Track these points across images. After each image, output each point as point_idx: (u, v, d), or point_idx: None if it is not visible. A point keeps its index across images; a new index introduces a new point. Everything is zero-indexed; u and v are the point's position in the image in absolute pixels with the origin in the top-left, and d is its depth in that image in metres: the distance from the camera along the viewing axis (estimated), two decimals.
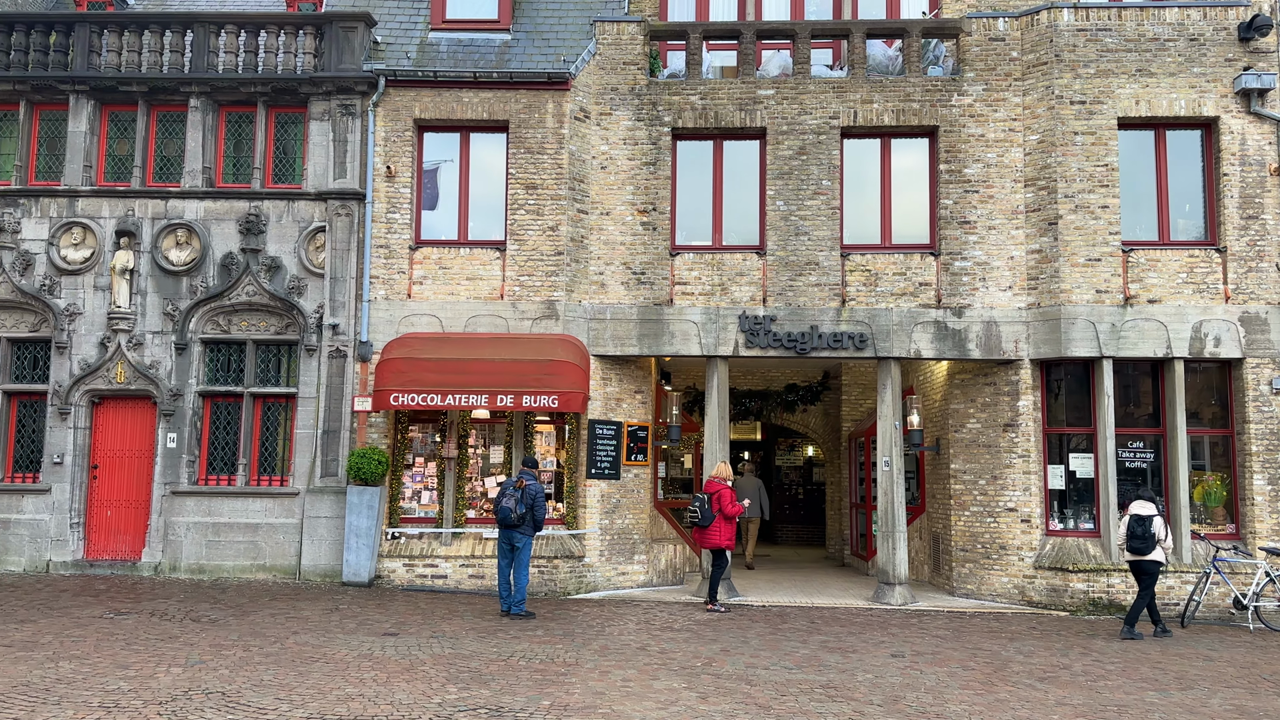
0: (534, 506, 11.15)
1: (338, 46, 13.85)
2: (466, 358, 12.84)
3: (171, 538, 13.25)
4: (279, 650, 8.95)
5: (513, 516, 11.12)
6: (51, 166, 14.20)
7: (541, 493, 11.27)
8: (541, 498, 11.23)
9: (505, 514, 11.14)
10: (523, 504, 11.15)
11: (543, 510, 11.24)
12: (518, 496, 11.17)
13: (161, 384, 13.45)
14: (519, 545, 11.25)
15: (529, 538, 11.28)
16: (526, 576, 11.33)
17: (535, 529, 11.29)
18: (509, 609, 11.25)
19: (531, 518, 11.16)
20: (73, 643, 8.94)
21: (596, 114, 14.07)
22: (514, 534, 11.23)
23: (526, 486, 11.20)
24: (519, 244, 13.67)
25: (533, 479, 11.30)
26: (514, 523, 11.15)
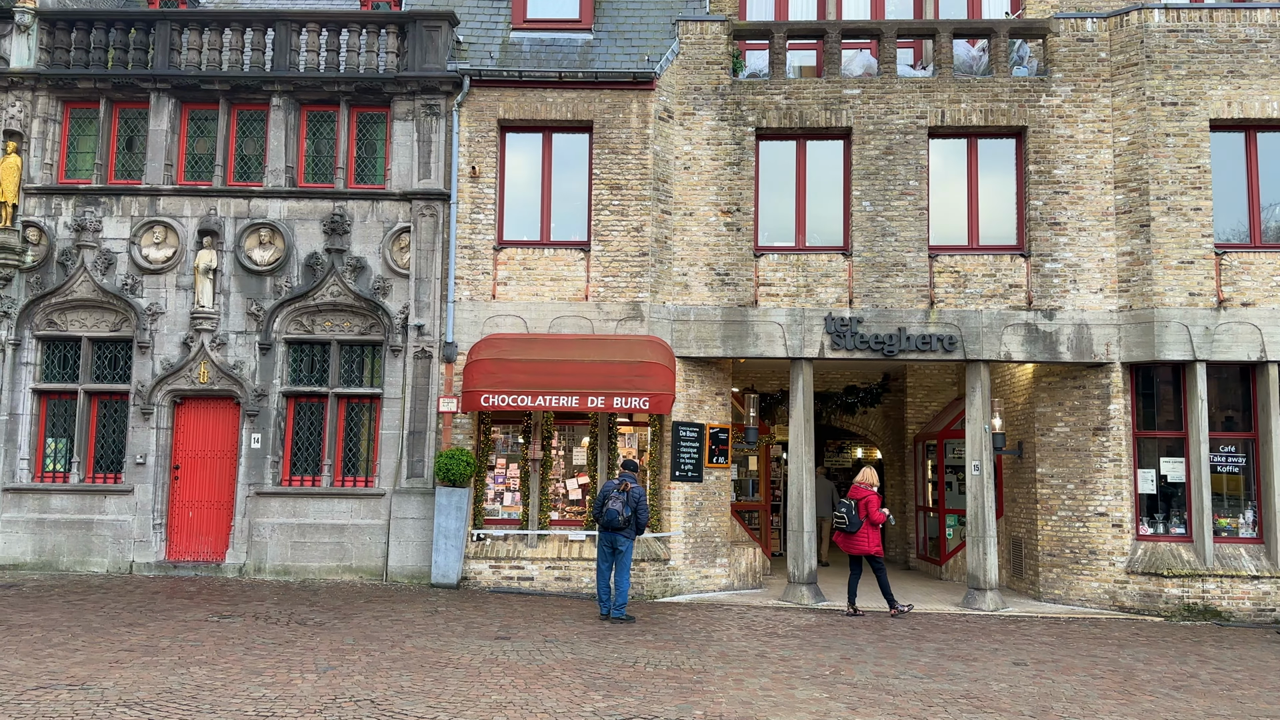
0: (638, 509, 11.07)
1: (421, 46, 13.77)
2: (556, 359, 12.75)
3: (256, 539, 13.18)
4: (401, 654, 8.86)
5: (619, 519, 11.05)
6: (129, 165, 14.14)
7: (645, 495, 11.20)
8: (645, 500, 11.16)
9: (612, 516, 11.06)
10: (628, 507, 11.07)
11: (646, 513, 11.17)
12: (624, 499, 11.10)
13: (246, 384, 13.38)
14: (621, 548, 11.17)
15: (631, 541, 11.21)
16: (628, 580, 11.24)
17: (637, 531, 11.22)
18: (609, 613, 11.16)
19: (635, 520, 11.09)
20: (192, 647, 8.87)
21: (679, 114, 13.96)
22: (617, 537, 11.15)
23: (631, 489, 11.12)
24: (603, 245, 13.57)
25: (635, 481, 11.22)
26: (620, 525, 11.09)
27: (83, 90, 13.90)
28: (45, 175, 13.86)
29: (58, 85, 13.83)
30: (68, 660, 8.16)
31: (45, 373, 13.73)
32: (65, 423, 13.69)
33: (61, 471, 13.58)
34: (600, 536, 11.34)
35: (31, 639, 8.92)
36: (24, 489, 13.32)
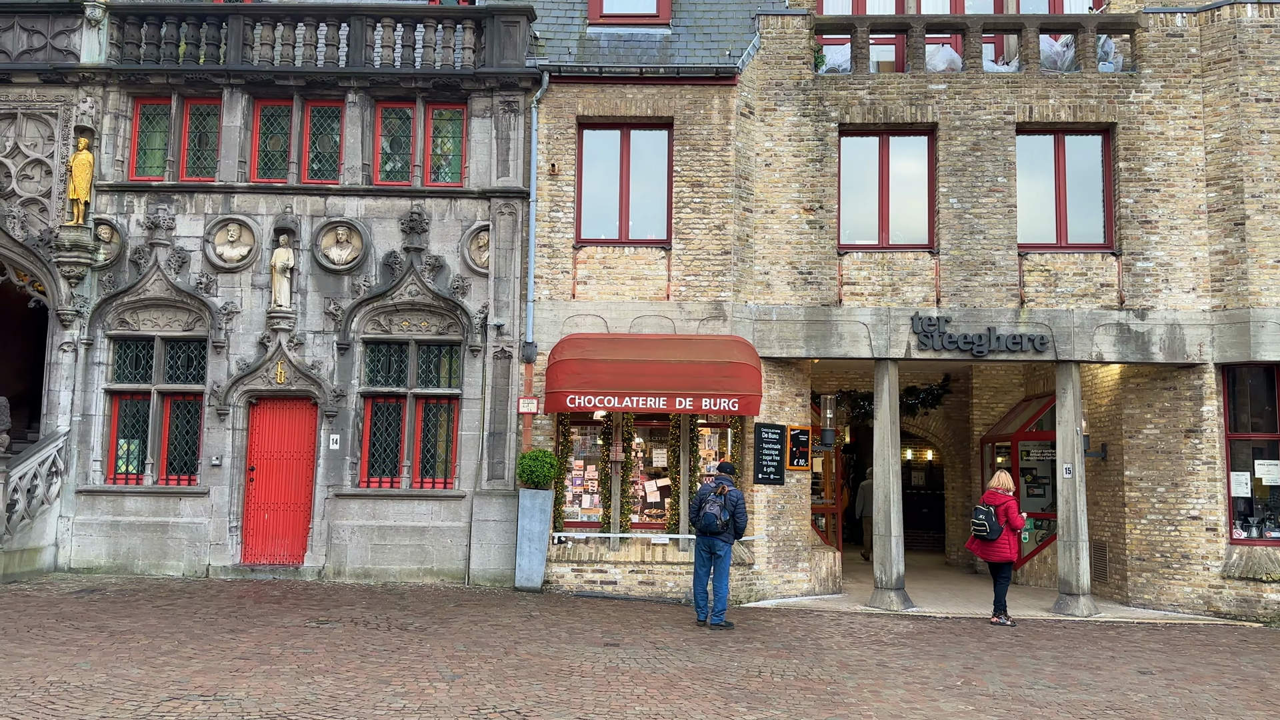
0: (736, 513, 10.86)
1: (499, 41, 13.55)
2: (642, 359, 12.51)
3: (335, 541, 12.97)
4: (519, 662, 8.63)
5: (718, 523, 10.85)
6: (200, 162, 13.94)
7: (742, 499, 10.98)
8: (743, 504, 10.94)
9: (710, 520, 10.86)
10: (726, 510, 10.86)
11: (744, 517, 10.94)
12: (720, 503, 10.89)
13: (324, 385, 13.17)
14: (720, 553, 10.96)
15: (730, 545, 10.99)
16: (727, 586, 11.00)
17: (736, 536, 10.99)
18: (706, 619, 10.93)
19: (733, 524, 10.88)
20: (305, 654, 8.65)
21: (760, 109, 13.72)
22: (715, 541, 10.96)
23: (728, 492, 10.91)
24: (684, 243, 13.33)
25: (732, 484, 11.01)
26: (717, 530, 10.88)
27: (155, 86, 13.69)
28: (116, 172, 13.67)
29: (130, 81, 13.63)
30: (186, 669, 7.95)
31: (117, 373, 13.53)
32: (137, 424, 13.49)
33: (134, 473, 13.38)
34: (697, 541, 11.12)
35: (139, 646, 8.71)
36: (97, 491, 13.13)
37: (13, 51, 13.78)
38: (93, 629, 9.34)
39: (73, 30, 13.81)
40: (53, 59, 13.71)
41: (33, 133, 13.72)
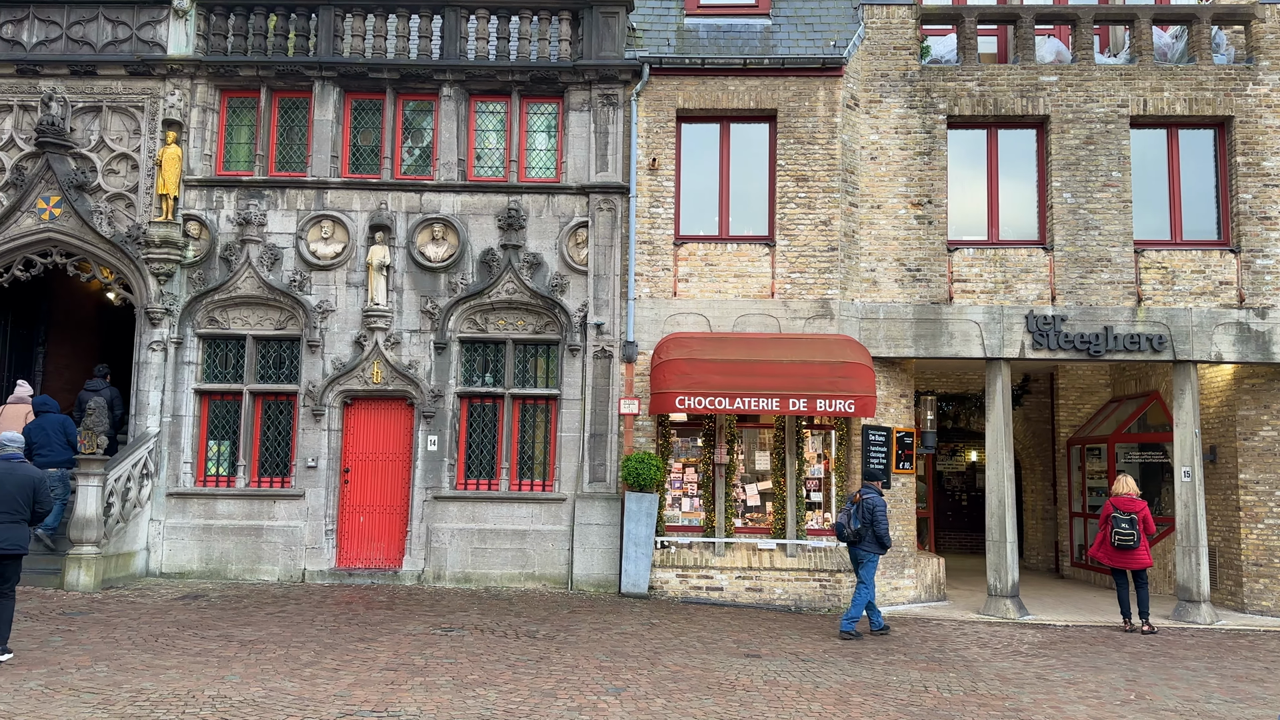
0: (873, 522, 10.50)
1: (598, 33, 13.20)
2: (752, 359, 12.15)
3: (435, 545, 12.64)
4: (671, 674, 8.28)
5: (845, 532, 10.61)
6: (287, 156, 13.61)
7: (882, 507, 10.59)
8: (882, 511, 10.56)
9: (838, 529, 10.72)
10: (858, 519, 10.54)
11: (883, 525, 10.55)
12: (852, 511, 10.60)
13: (421, 385, 12.84)
14: (862, 562, 10.65)
15: (871, 554, 10.63)
16: (862, 596, 10.62)
17: (879, 545, 10.61)
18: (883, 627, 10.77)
19: (872, 534, 10.53)
20: (450, 664, 8.31)
21: (865, 101, 13.35)
22: (855, 551, 10.66)
23: (863, 500, 10.57)
24: (789, 239, 12.97)
25: (874, 492, 10.64)
26: (849, 539, 10.57)
27: (243, 78, 13.37)
28: (204, 167, 13.35)
29: (218, 73, 13.31)
30: (339, 681, 7.62)
31: (207, 372, 13.22)
32: (227, 425, 13.17)
33: (225, 476, 13.05)
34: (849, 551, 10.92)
35: (277, 657, 8.38)
36: (188, 494, 12.81)
37: (97, 43, 13.47)
38: (219, 638, 9.02)
39: (158, 21, 13.50)
40: (138, 50, 13.40)
41: (118, 126, 13.41)
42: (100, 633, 9.03)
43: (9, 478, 8.23)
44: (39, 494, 8.34)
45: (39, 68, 13.31)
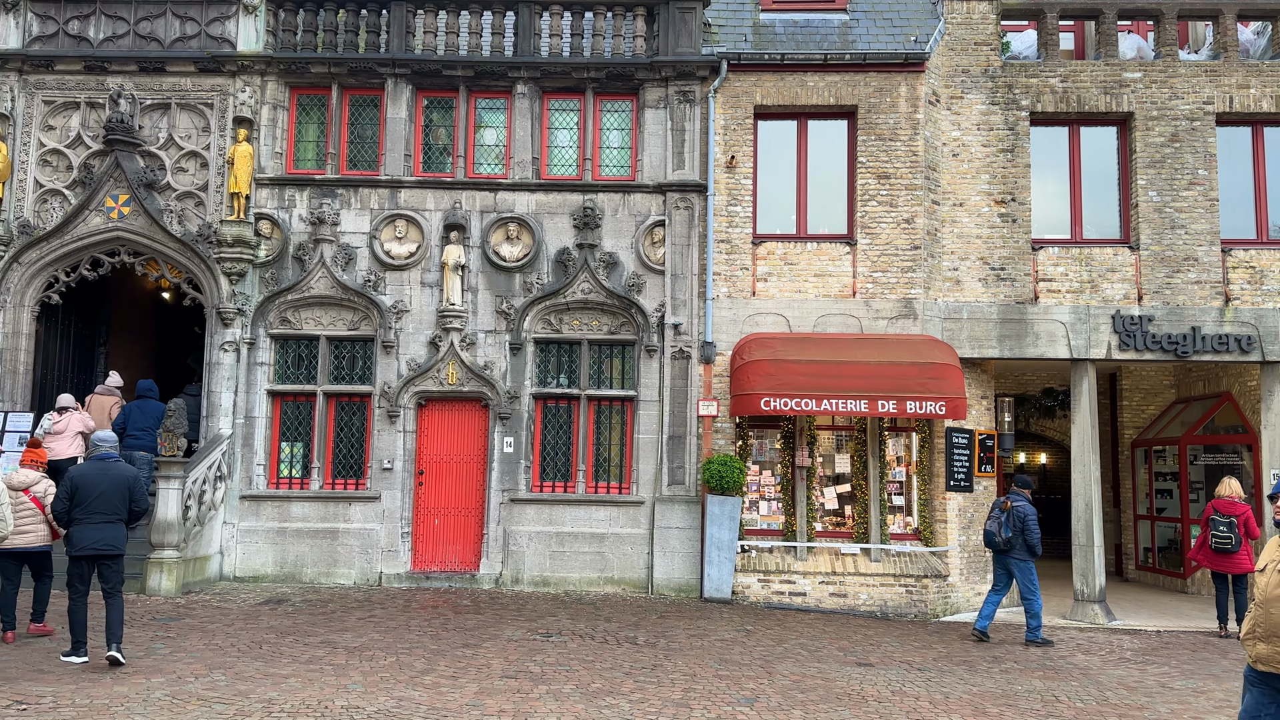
0: (1024, 530, 10.40)
1: (674, 29, 13.00)
2: (839, 360, 11.94)
3: (512, 548, 12.45)
4: (793, 683, 8.09)
5: (997, 539, 10.60)
6: (356, 155, 13.43)
7: (1032, 515, 10.48)
8: (1032, 520, 10.44)
9: (988, 537, 10.76)
10: (1008, 527, 10.46)
11: (1036, 533, 10.45)
12: (1002, 519, 10.55)
13: (498, 385, 12.65)
14: (1014, 571, 10.60)
15: (1024, 562, 10.51)
16: (1036, 603, 10.53)
17: (1030, 553, 10.48)
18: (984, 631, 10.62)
19: (1023, 542, 10.42)
20: (567, 672, 8.12)
21: (946, 97, 13.14)
22: (1006, 559, 10.64)
23: (1014, 509, 10.48)
24: (871, 238, 12.76)
25: (1023, 500, 10.52)
26: (1000, 547, 10.55)
27: (315, 75, 13.19)
28: (275, 165, 13.17)
29: (290, 70, 13.14)
30: (463, 690, 7.43)
31: (279, 373, 13.04)
32: (299, 426, 13.00)
33: (298, 478, 12.88)
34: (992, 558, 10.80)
35: (389, 664, 8.20)
36: (262, 496, 12.64)
37: (165, 39, 13.30)
38: (322, 645, 8.84)
39: (227, 17, 13.32)
40: (207, 46, 13.23)
41: (186, 123, 13.24)
42: (201, 639, 8.85)
43: (104, 477, 8.09)
44: (135, 493, 8.21)
45: (107, 64, 13.15)
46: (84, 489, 8.00)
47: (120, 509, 8.10)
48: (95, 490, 8.00)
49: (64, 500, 8.01)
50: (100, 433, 8.54)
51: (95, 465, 8.18)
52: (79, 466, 8.24)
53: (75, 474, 8.13)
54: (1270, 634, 4.82)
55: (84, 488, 8.01)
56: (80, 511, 7.95)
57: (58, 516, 8.07)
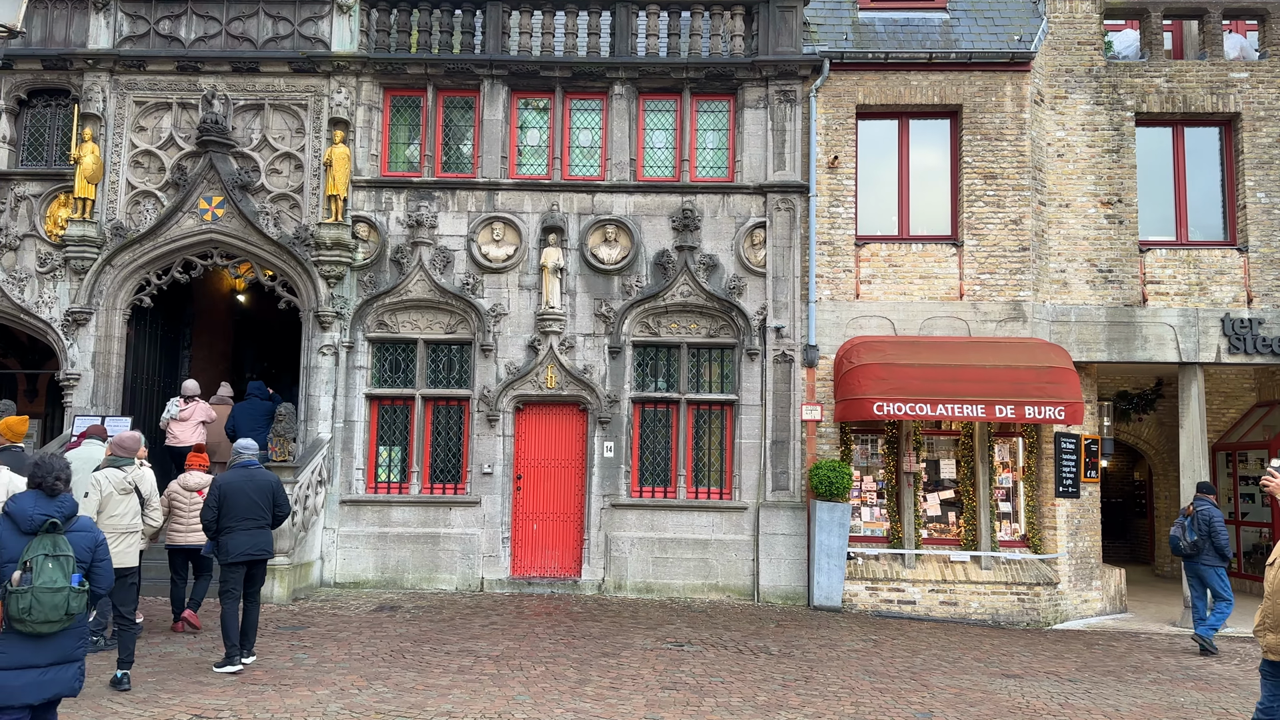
0: (1211, 533, 10.41)
1: (774, 28, 12.84)
2: (953, 363, 11.75)
3: (615, 554, 12.28)
4: (956, 696, 7.91)
5: (1181, 545, 10.60)
6: (450, 157, 13.28)
7: (1218, 518, 10.54)
8: (1219, 522, 10.47)
9: (1174, 543, 10.72)
10: (1193, 531, 10.47)
11: (1224, 536, 10.46)
12: (1186, 524, 10.57)
13: (598, 389, 12.49)
14: (1204, 575, 10.55)
15: (1211, 568, 10.47)
16: (1224, 610, 10.47)
17: (1220, 557, 10.45)
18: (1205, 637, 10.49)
19: (1211, 545, 10.41)
20: (721, 683, 7.95)
21: (1050, 97, 12.96)
22: (1195, 565, 10.60)
23: (1198, 513, 10.46)
24: (978, 239, 12.58)
25: (1208, 504, 10.48)
26: (1186, 552, 10.56)
27: (410, 76, 13.05)
28: (371, 167, 13.04)
29: (385, 71, 13.00)
30: (631, 702, 7.27)
31: (376, 377, 12.90)
32: (396, 430, 12.85)
33: (396, 482, 12.73)
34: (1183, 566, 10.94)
35: (540, 673, 8.03)
36: (361, 501, 12.49)
37: (258, 40, 13.18)
38: (461, 653, 8.68)
39: (320, 17, 13.20)
40: (300, 46, 13.11)
41: (279, 124, 13.11)
42: (339, 648, 8.70)
43: (249, 484, 8.15)
44: (278, 498, 8.30)
45: (200, 64, 13.03)
46: (231, 496, 8.03)
47: (265, 514, 8.17)
48: (242, 497, 8.05)
49: (213, 509, 8.02)
50: (242, 440, 8.51)
51: (240, 473, 8.20)
52: (225, 475, 8.21)
53: (222, 482, 8.13)
54: (1278, 624, 5.20)
55: (231, 495, 8.04)
56: (228, 519, 7.98)
57: (207, 526, 8.01)
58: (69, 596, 4.67)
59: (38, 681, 4.67)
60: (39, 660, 4.67)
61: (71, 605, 4.70)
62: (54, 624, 4.66)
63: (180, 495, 9.36)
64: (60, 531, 4.81)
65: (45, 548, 4.71)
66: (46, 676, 4.70)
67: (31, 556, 4.67)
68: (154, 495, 8.30)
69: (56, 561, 4.70)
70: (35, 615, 4.59)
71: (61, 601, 4.65)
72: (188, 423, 11.95)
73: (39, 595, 4.60)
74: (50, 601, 4.62)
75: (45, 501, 4.88)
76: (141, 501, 8.18)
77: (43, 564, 4.66)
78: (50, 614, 4.63)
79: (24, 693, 4.63)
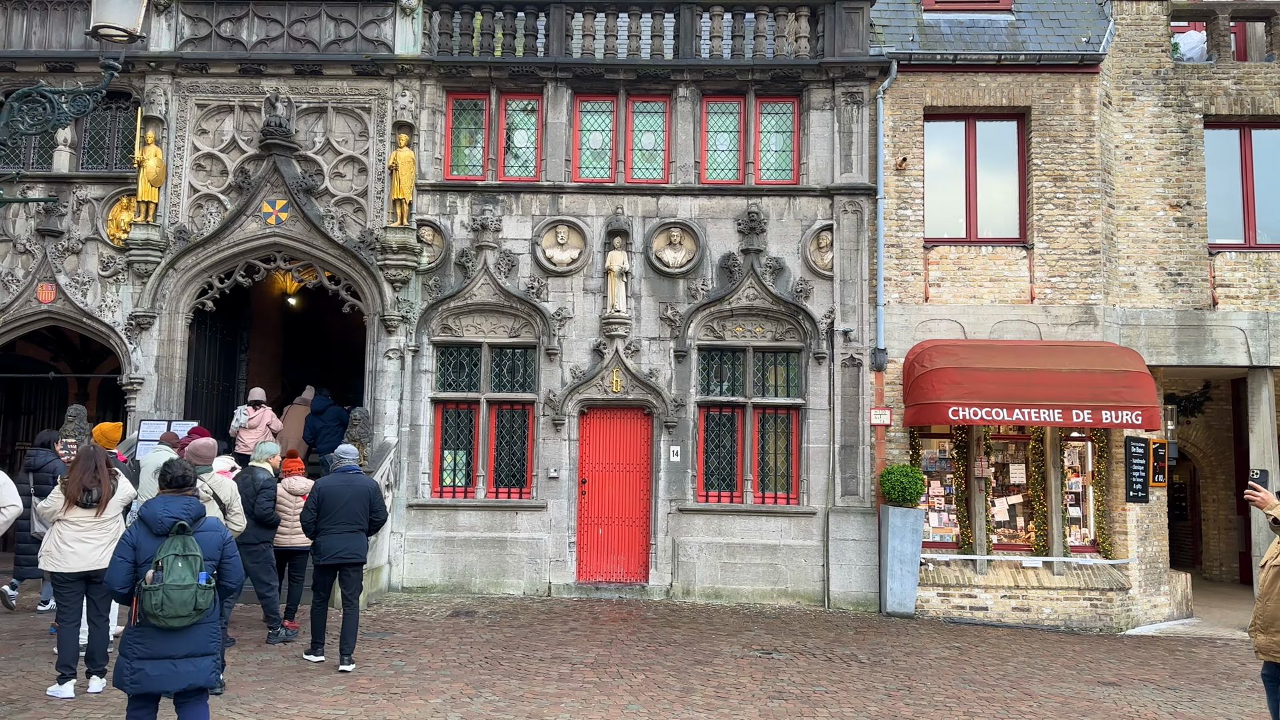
0: None
1: (840, 29, 12.76)
2: (1028, 367, 11.66)
3: (682, 559, 12.21)
4: (1064, 705, 7.84)
5: None
6: (513, 160, 13.22)
7: None
8: None
9: None
10: None
11: None
12: None
13: (664, 393, 12.42)
14: None
15: None
16: None
17: None
18: None
19: None
20: (825, 693, 7.89)
21: (1118, 99, 12.87)
22: None
23: None
24: (1048, 242, 12.50)
25: None
26: None
27: (474, 80, 12.99)
28: (435, 171, 12.98)
29: (449, 74, 12.94)
30: (745, 712, 7.20)
31: (441, 381, 12.84)
32: (460, 434, 12.79)
33: (460, 486, 12.67)
34: None
35: (640, 682, 7.97)
36: (428, 505, 12.43)
37: (320, 42, 13.13)
38: (553, 660, 8.62)
39: (383, 20, 13.15)
40: (362, 49, 13.06)
41: (342, 128, 13.06)
42: (432, 655, 8.64)
43: (348, 489, 8.32)
44: (375, 503, 8.45)
45: (262, 67, 12.98)
46: (330, 500, 8.23)
47: (361, 519, 8.33)
48: (340, 501, 8.23)
49: (312, 511, 8.24)
50: (343, 447, 8.70)
51: (340, 477, 8.40)
52: (326, 479, 8.42)
53: (322, 486, 8.34)
54: (1268, 625, 5.43)
55: (329, 499, 8.23)
56: (326, 522, 8.20)
57: (305, 527, 8.17)
58: (196, 593, 4.97)
59: (172, 672, 4.98)
60: (174, 652, 4.99)
61: (199, 601, 4.98)
62: (183, 618, 4.96)
63: (286, 499, 9.52)
64: (189, 532, 5.10)
65: (176, 548, 5.01)
66: (181, 668, 4.99)
67: (163, 556, 4.98)
68: (235, 500, 8.40)
69: (185, 561, 5.00)
70: (166, 610, 4.91)
71: (190, 598, 4.95)
72: (256, 430, 11.98)
73: (169, 592, 4.91)
74: (179, 598, 4.93)
75: (174, 505, 5.18)
76: (223, 508, 8.22)
77: (173, 563, 4.97)
78: (179, 609, 4.93)
79: (160, 681, 4.97)
